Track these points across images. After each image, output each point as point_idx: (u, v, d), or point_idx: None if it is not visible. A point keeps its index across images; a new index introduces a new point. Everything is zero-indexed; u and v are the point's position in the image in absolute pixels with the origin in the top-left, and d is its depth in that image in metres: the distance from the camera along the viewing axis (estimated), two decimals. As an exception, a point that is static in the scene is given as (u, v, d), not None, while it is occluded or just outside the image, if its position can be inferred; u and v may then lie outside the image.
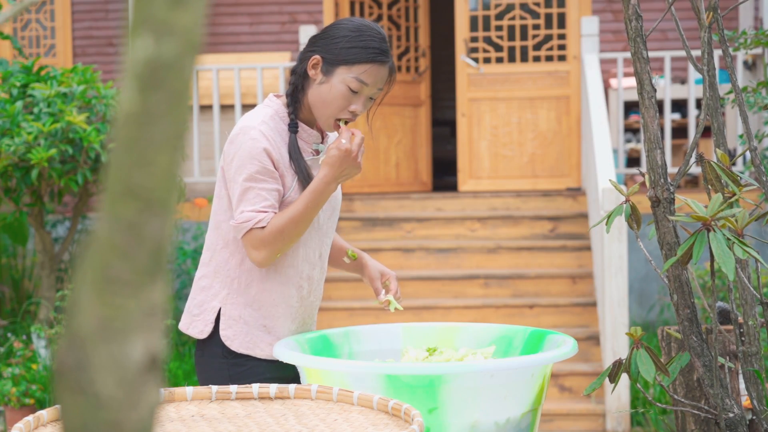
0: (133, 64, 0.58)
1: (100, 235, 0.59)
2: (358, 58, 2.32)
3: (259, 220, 2.26)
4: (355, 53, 2.33)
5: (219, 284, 2.37)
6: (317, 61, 2.35)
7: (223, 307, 2.36)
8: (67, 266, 6.89)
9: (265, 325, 2.38)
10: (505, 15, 7.95)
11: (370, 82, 2.34)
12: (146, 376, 0.60)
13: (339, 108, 2.34)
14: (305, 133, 2.40)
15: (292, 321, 2.41)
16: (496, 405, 2.03)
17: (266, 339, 2.37)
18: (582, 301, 6.12)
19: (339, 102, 2.33)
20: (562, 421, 5.45)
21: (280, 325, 2.39)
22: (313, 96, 2.36)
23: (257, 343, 2.36)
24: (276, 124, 2.35)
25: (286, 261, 2.37)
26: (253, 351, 2.36)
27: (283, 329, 2.39)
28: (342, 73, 2.32)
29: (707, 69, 2.10)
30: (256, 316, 2.37)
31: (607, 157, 5.73)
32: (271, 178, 2.29)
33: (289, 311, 2.40)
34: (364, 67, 2.33)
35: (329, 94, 2.33)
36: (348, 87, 2.32)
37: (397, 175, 8.28)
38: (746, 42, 3.62)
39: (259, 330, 2.37)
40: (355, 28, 2.35)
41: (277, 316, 2.38)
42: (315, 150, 2.43)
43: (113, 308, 0.59)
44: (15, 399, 5.39)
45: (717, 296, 2.79)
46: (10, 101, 6.00)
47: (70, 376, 0.58)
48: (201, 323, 2.38)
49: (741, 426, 2.04)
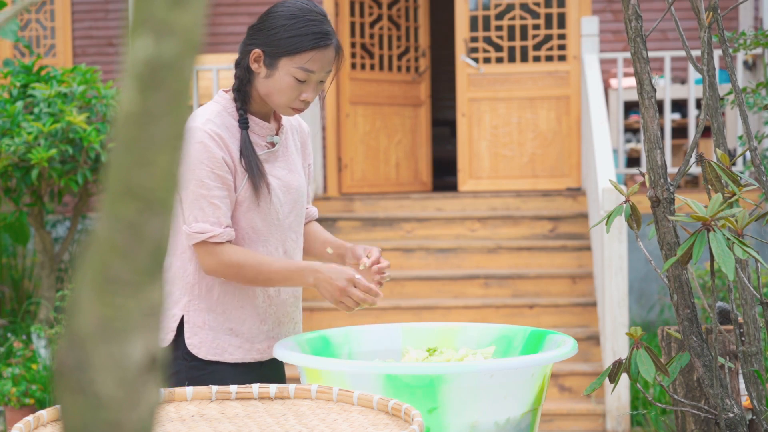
0: (133, 64, 0.58)
1: (100, 235, 0.59)
2: (300, 47, 2.22)
3: (214, 235, 2.20)
4: (296, 42, 2.22)
5: (179, 291, 2.30)
6: (258, 55, 2.25)
7: (186, 315, 2.29)
8: (67, 266, 6.89)
9: (231, 328, 2.30)
10: (505, 15, 7.95)
11: (317, 68, 2.24)
12: (146, 376, 0.60)
13: (290, 99, 2.25)
14: (258, 127, 2.32)
15: (261, 322, 2.34)
16: (496, 405, 2.03)
17: (234, 342, 2.31)
18: (582, 301, 6.12)
19: (288, 93, 2.25)
20: (562, 421, 5.45)
21: (247, 327, 2.32)
22: (262, 89, 2.27)
23: (226, 348, 2.30)
24: (224, 120, 2.26)
25: None
26: (222, 356, 2.29)
27: (251, 331, 2.33)
28: (285, 65, 2.23)
29: (707, 69, 2.10)
30: (220, 320, 2.29)
31: (607, 157, 5.73)
32: (222, 184, 2.22)
33: (256, 312, 2.33)
34: (308, 55, 2.23)
35: (276, 86, 2.24)
36: (294, 78, 2.23)
37: (397, 175, 8.28)
38: (746, 42, 3.62)
39: (226, 334, 2.30)
40: (291, 15, 2.24)
41: (243, 318, 2.31)
42: (269, 143, 2.35)
43: (113, 308, 0.59)
44: (15, 399, 5.39)
45: (717, 296, 2.79)
46: (11, 101, 6.00)
47: (70, 376, 0.58)
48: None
49: (741, 426, 2.04)
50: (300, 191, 2.41)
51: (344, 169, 7.91)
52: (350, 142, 8.04)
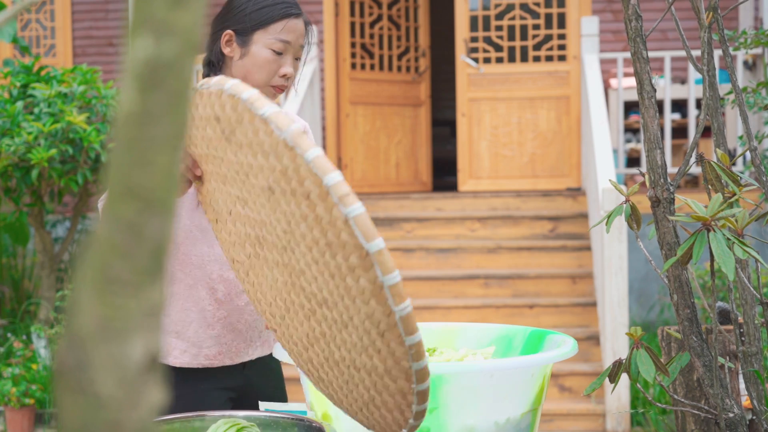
0: (133, 64, 0.58)
1: (100, 235, 0.59)
2: (272, 16, 2.17)
3: None
4: (267, 12, 2.17)
5: None
6: (230, 36, 2.19)
7: None
8: (67, 266, 6.89)
9: (177, 331, 2.24)
10: (505, 15, 7.95)
11: (292, 39, 2.18)
12: (146, 376, 0.60)
13: (269, 75, 2.18)
14: None
15: (208, 326, 2.25)
16: (496, 405, 2.02)
17: (179, 345, 2.25)
18: (582, 301, 6.12)
19: (267, 68, 2.17)
20: (562, 421, 5.44)
21: (193, 330, 2.24)
22: (239, 72, 2.19)
23: (170, 351, 2.24)
24: None
25: (192, 261, 2.22)
26: (165, 359, 2.22)
27: (197, 335, 2.25)
28: (260, 38, 2.17)
29: (707, 69, 2.10)
30: (165, 322, 2.27)
31: (607, 157, 5.73)
32: None
33: (203, 315, 2.25)
34: (281, 24, 2.17)
35: (254, 64, 2.17)
36: (271, 50, 2.17)
37: (397, 175, 8.28)
38: (746, 42, 3.62)
39: (170, 336, 2.25)
40: None
41: (188, 321, 2.24)
42: None
43: (113, 308, 0.59)
44: (15, 399, 5.39)
45: (717, 296, 2.79)
46: (11, 101, 6.00)
47: (70, 376, 0.58)
48: None
49: (741, 426, 2.04)
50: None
51: (344, 169, 7.91)
52: (350, 142, 8.04)
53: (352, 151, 8.03)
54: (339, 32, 8.11)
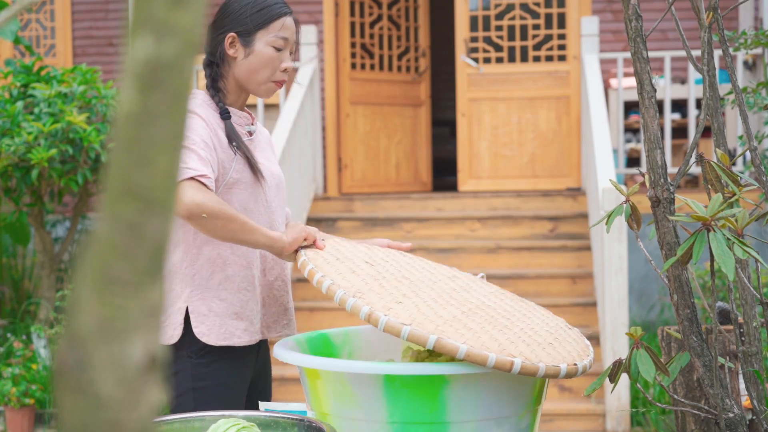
0: (133, 64, 0.58)
1: (100, 235, 0.59)
2: (271, 16, 2.40)
3: (203, 174, 2.17)
4: (266, 13, 2.40)
5: (179, 285, 2.33)
6: (233, 38, 2.40)
7: (190, 306, 2.31)
8: (67, 266, 6.89)
9: (236, 312, 2.35)
10: (505, 15, 7.95)
11: (289, 35, 2.42)
12: (146, 376, 0.60)
13: (272, 70, 2.41)
14: (237, 117, 2.43)
15: (257, 303, 2.39)
16: (496, 405, 2.03)
17: (240, 326, 2.35)
18: (582, 301, 6.12)
19: (270, 64, 2.40)
20: (562, 421, 5.45)
21: (249, 309, 2.37)
22: (242, 72, 2.40)
23: (233, 332, 2.33)
24: (206, 112, 2.35)
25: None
26: (231, 341, 2.32)
27: (252, 313, 2.38)
28: (262, 37, 2.39)
29: (707, 69, 2.10)
30: (223, 306, 2.33)
31: (607, 157, 5.73)
32: (210, 149, 2.25)
33: (255, 293, 2.38)
34: (279, 22, 2.41)
35: (259, 62, 2.39)
36: (273, 47, 2.40)
37: (397, 175, 8.28)
38: (746, 42, 3.62)
39: (231, 319, 2.34)
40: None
41: (245, 300, 2.36)
42: (248, 132, 2.46)
43: (113, 308, 0.59)
44: (15, 399, 5.39)
45: (717, 296, 2.79)
46: (11, 101, 6.00)
47: (70, 376, 0.58)
48: (169, 328, 2.32)
49: (741, 426, 2.04)
50: (280, 177, 2.50)
51: (344, 169, 7.91)
52: (350, 142, 8.04)
53: (352, 151, 8.03)
54: (339, 32, 8.11)
